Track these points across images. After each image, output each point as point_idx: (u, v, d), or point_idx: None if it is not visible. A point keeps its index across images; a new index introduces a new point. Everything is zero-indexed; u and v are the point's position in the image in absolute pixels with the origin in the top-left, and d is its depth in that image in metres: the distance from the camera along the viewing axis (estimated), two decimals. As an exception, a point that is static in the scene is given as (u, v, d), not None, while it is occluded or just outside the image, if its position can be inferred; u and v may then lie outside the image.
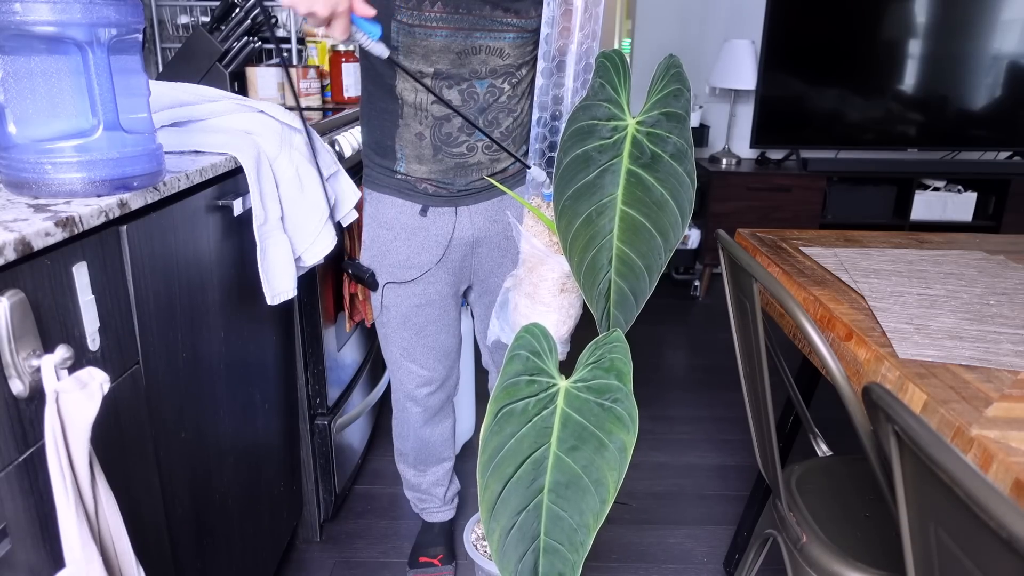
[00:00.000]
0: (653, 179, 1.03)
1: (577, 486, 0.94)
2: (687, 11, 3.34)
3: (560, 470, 0.95)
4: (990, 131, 3.22)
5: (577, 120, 1.03)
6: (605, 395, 0.95)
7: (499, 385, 0.98)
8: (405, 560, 1.62)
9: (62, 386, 0.66)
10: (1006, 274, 1.21)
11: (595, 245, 1.07)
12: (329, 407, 1.61)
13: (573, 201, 1.04)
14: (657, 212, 1.04)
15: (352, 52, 2.03)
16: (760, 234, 1.43)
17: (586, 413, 0.95)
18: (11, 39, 0.74)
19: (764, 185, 3.13)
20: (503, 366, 0.99)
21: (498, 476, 0.96)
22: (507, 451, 0.96)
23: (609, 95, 1.03)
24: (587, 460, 0.94)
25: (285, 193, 1.19)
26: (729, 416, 2.28)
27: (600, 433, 0.94)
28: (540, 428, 0.96)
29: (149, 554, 0.95)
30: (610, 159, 1.03)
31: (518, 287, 1.21)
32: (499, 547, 0.97)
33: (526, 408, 0.97)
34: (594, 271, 1.08)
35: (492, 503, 0.97)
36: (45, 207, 0.76)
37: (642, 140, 1.03)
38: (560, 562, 0.95)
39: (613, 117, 1.03)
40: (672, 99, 1.02)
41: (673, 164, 1.02)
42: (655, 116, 1.02)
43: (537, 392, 0.97)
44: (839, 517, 1.07)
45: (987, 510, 0.50)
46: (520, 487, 0.96)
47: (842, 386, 0.87)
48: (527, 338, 0.99)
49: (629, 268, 1.07)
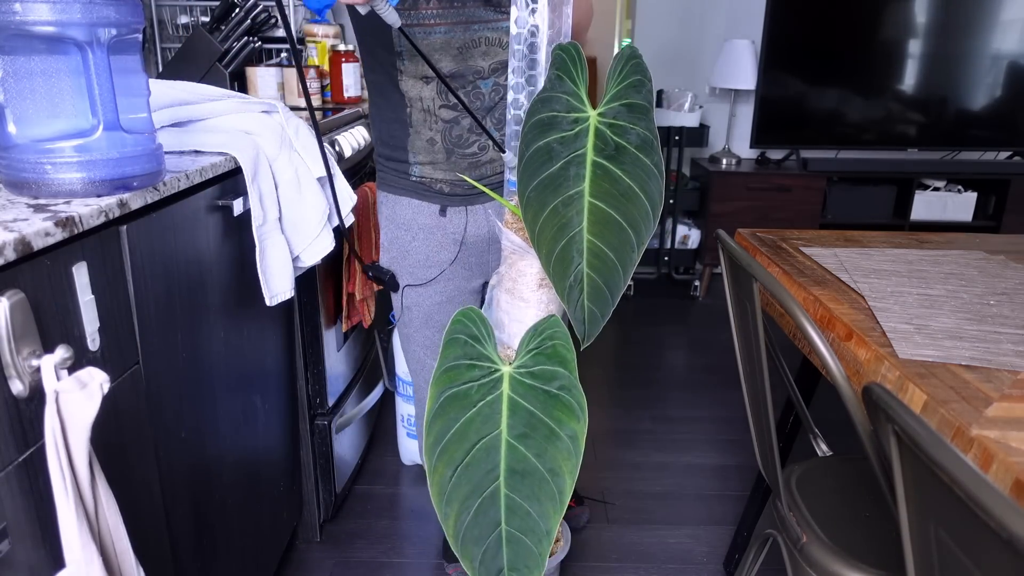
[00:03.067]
0: (620, 171, 1.02)
1: (533, 476, 0.93)
2: (687, 11, 3.34)
3: (514, 458, 0.94)
4: (990, 131, 3.22)
5: (536, 112, 1.02)
6: (551, 382, 0.94)
7: (439, 368, 0.96)
8: (405, 560, 1.62)
9: (62, 386, 0.66)
10: (1006, 274, 1.21)
11: (564, 236, 1.06)
12: (329, 407, 1.61)
13: (538, 193, 1.04)
14: (626, 204, 1.03)
15: (352, 52, 2.03)
16: (760, 234, 1.43)
17: (532, 400, 0.94)
18: (11, 39, 0.73)
19: (764, 185, 3.13)
20: (441, 349, 0.98)
21: (447, 460, 0.96)
22: (453, 435, 0.95)
23: (567, 87, 1.02)
24: (539, 449, 0.93)
25: (284, 193, 1.19)
26: (729, 416, 2.28)
27: (550, 421, 0.93)
28: (487, 414, 0.95)
29: (149, 554, 0.95)
30: (573, 151, 1.03)
31: (500, 284, 1.20)
32: (455, 533, 0.97)
33: (469, 392, 0.96)
34: (564, 263, 1.07)
35: (443, 488, 0.96)
36: (45, 207, 0.76)
37: (605, 132, 1.02)
38: (525, 551, 0.94)
39: (573, 109, 1.02)
40: (632, 90, 1.01)
41: (639, 155, 1.02)
42: (616, 107, 1.02)
43: (480, 377, 0.96)
44: (839, 517, 1.07)
45: (987, 510, 0.50)
46: (472, 473, 0.95)
47: (842, 386, 0.87)
48: (463, 322, 0.98)
49: (601, 261, 1.06)
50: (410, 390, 1.87)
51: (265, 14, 2.02)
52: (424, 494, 1.87)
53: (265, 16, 2.02)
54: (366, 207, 1.64)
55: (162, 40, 2.16)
